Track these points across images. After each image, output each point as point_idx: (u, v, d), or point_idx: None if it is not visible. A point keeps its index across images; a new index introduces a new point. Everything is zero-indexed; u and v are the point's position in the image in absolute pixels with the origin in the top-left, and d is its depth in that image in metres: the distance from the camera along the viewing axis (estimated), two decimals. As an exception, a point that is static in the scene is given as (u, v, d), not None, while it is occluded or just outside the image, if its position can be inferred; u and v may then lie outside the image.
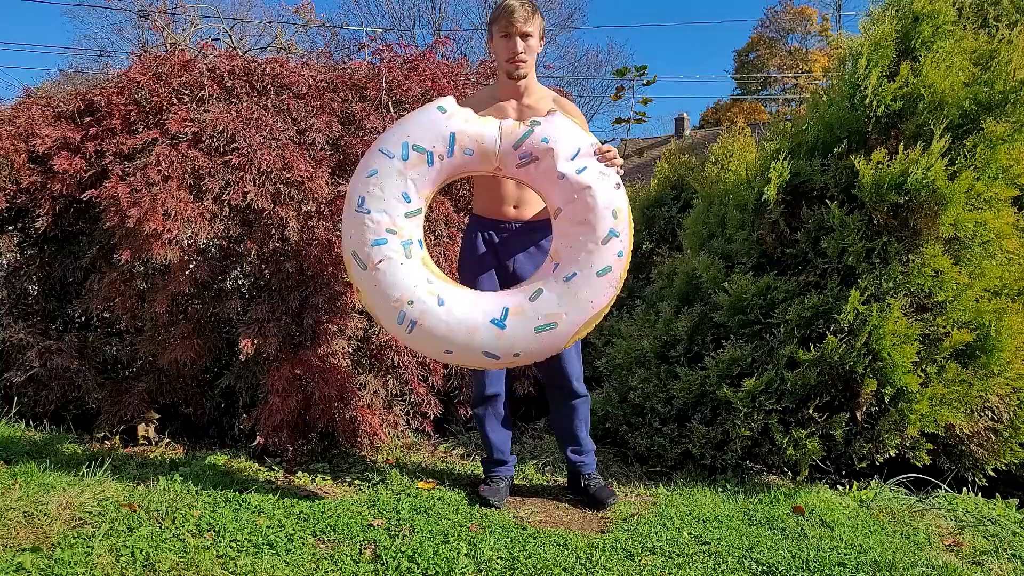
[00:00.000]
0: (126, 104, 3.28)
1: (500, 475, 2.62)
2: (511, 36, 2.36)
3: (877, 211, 2.73)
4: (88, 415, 3.26)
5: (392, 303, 2.12)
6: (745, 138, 4.52)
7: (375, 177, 2.17)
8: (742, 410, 2.72)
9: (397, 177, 2.17)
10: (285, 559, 1.96)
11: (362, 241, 2.15)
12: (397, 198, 2.17)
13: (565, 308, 2.13)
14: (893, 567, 2.02)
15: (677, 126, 30.48)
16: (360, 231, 2.16)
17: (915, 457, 2.66)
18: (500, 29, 2.37)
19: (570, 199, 2.18)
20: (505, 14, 2.35)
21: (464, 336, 2.12)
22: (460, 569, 1.93)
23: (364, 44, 3.94)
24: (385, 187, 2.16)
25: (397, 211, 2.17)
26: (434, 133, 2.19)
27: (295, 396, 2.82)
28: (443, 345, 2.14)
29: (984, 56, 2.86)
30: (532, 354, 2.17)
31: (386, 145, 2.20)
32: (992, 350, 2.63)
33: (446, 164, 2.20)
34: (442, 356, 2.20)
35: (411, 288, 2.13)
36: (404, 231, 2.17)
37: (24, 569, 1.82)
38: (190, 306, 3.10)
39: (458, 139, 2.19)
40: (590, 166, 2.19)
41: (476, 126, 2.21)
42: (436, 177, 2.22)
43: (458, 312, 2.13)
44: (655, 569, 1.99)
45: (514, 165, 2.22)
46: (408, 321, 2.12)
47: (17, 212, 3.50)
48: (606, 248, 2.15)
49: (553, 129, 2.22)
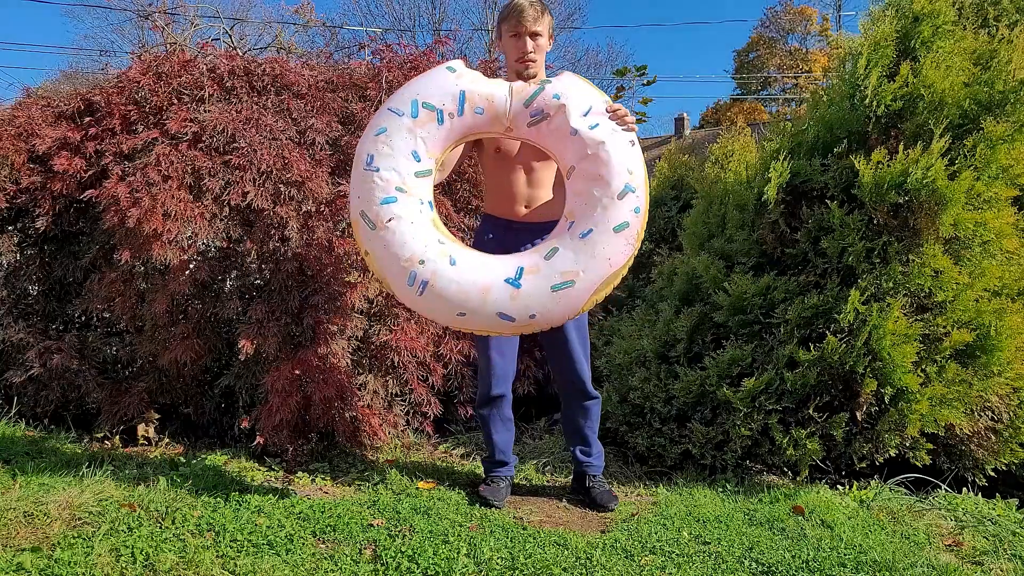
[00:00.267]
0: (126, 104, 3.28)
1: (501, 475, 2.62)
2: (521, 36, 2.36)
3: (877, 211, 2.73)
4: (88, 415, 3.26)
5: (402, 263, 2.05)
6: (745, 138, 4.53)
7: (384, 135, 2.12)
8: (742, 410, 2.71)
9: (407, 135, 2.12)
10: (285, 559, 1.96)
11: (371, 200, 2.08)
12: (407, 156, 2.11)
13: (582, 265, 2.07)
14: (893, 567, 2.02)
15: (677, 126, 30.50)
16: (369, 189, 2.09)
17: (915, 457, 2.66)
18: (509, 29, 2.37)
19: (583, 155, 2.13)
20: (515, 14, 2.34)
21: (478, 297, 2.04)
22: (460, 569, 1.93)
23: (364, 44, 3.94)
24: (394, 144, 2.11)
25: (407, 169, 2.11)
26: (444, 91, 2.15)
27: (295, 396, 2.82)
28: (455, 308, 2.06)
29: (984, 56, 2.86)
30: (549, 316, 2.09)
31: (395, 104, 2.16)
32: (992, 350, 2.63)
33: (456, 123, 2.16)
34: (454, 320, 2.12)
35: (422, 248, 2.06)
36: (414, 190, 2.11)
37: (24, 569, 1.82)
38: (190, 306, 3.10)
39: (468, 97, 2.15)
40: (603, 123, 2.14)
41: (486, 85, 2.19)
42: (447, 136, 2.17)
43: (471, 272, 2.06)
44: (655, 569, 1.99)
45: (525, 124, 2.18)
46: (419, 282, 2.04)
47: (17, 212, 3.50)
48: (622, 203, 2.10)
49: (564, 86, 2.18)
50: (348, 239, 3.02)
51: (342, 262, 2.99)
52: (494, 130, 2.23)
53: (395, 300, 3.14)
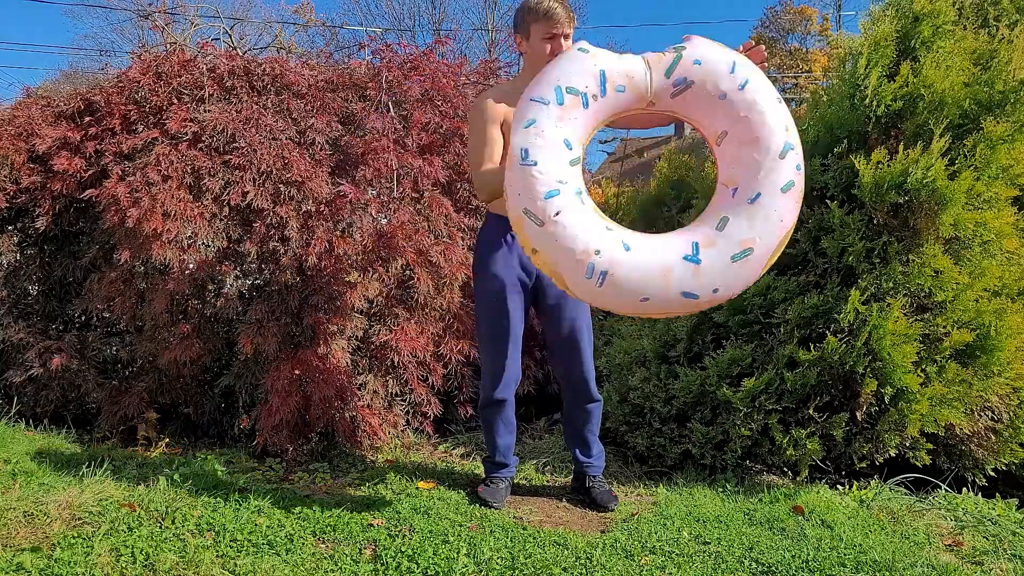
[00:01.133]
0: (126, 104, 3.28)
1: (501, 477, 2.62)
2: (556, 38, 2.34)
3: (877, 211, 2.73)
4: (88, 415, 3.26)
5: (578, 256, 1.96)
6: (745, 138, 4.51)
7: (534, 126, 2.04)
8: (742, 410, 2.71)
9: (557, 123, 2.05)
10: (285, 559, 1.96)
11: (533, 195, 1.99)
12: (560, 146, 2.04)
13: (758, 231, 2.00)
14: (893, 567, 2.02)
15: (677, 126, 30.42)
16: (530, 185, 2.00)
17: (915, 457, 2.66)
18: (543, 31, 2.34)
19: (736, 119, 2.05)
20: (549, 16, 2.32)
21: (659, 279, 1.96)
22: (460, 569, 1.93)
23: (364, 44, 3.94)
24: (547, 135, 2.04)
25: (562, 159, 2.04)
26: (584, 72, 2.08)
27: (295, 396, 2.82)
28: (638, 293, 1.97)
29: (984, 56, 2.86)
30: (730, 288, 2.01)
31: (538, 93, 2.09)
32: (992, 350, 2.63)
33: (600, 104, 2.09)
34: (637, 307, 2.02)
35: (595, 237, 1.98)
36: (571, 180, 2.03)
37: (24, 569, 1.82)
38: (190, 306, 3.10)
39: (608, 76, 2.07)
40: (752, 79, 2.06)
41: (622, 62, 2.11)
42: (590, 121, 2.11)
43: (647, 254, 1.98)
44: (655, 569, 1.99)
45: (668, 95, 2.10)
46: (598, 273, 1.95)
47: (17, 212, 3.50)
48: (784, 162, 2.05)
49: (702, 50, 2.09)
50: (348, 239, 3.02)
51: (342, 262, 2.99)
52: (637, 107, 2.14)
53: (394, 300, 3.15)
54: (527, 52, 2.41)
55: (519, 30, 2.41)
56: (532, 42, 2.37)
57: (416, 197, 3.28)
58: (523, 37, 2.41)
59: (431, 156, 3.31)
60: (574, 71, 2.08)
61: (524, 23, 2.39)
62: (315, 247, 2.94)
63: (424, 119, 3.38)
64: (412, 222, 3.13)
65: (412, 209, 3.21)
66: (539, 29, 2.34)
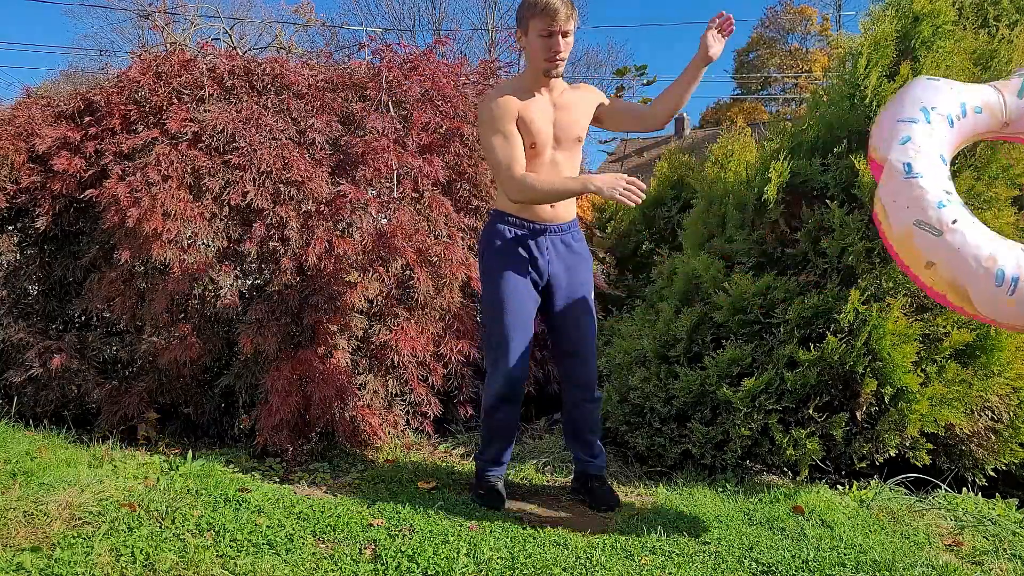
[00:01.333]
0: (126, 104, 3.28)
1: (496, 474, 2.61)
2: (553, 35, 2.29)
3: (877, 211, 2.73)
4: (88, 415, 3.26)
5: (984, 263, 1.88)
6: (745, 138, 4.52)
7: (910, 143, 2.05)
8: (742, 410, 2.71)
9: (929, 140, 2.06)
10: (285, 559, 1.96)
11: (925, 206, 1.95)
12: (937, 159, 2.04)
13: None
14: (893, 567, 2.02)
15: (677, 126, 30.49)
16: (919, 196, 1.96)
17: (915, 457, 2.66)
18: (540, 27, 2.29)
19: None
20: (547, 12, 2.26)
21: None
22: (460, 569, 1.93)
23: (364, 44, 3.94)
24: (924, 150, 2.04)
25: (942, 172, 2.03)
26: (944, 95, 2.12)
27: (295, 396, 2.82)
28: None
29: (984, 56, 2.86)
30: None
31: (904, 114, 2.10)
32: (992, 350, 2.63)
33: (961, 125, 2.12)
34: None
35: (995, 244, 1.91)
36: (954, 192, 2.02)
37: (24, 569, 1.82)
38: (190, 306, 3.10)
39: (968, 99, 2.13)
40: None
41: (974, 89, 2.17)
42: (954, 140, 2.13)
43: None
44: (655, 569, 1.99)
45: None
46: (1009, 280, 1.86)
47: (17, 212, 3.50)
48: None
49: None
50: (348, 239, 3.02)
51: (342, 262, 2.99)
52: (991, 128, 2.19)
53: (394, 300, 3.14)
54: (525, 48, 2.38)
55: (520, 25, 2.37)
56: (530, 38, 2.34)
57: (416, 197, 3.28)
58: (523, 32, 2.37)
59: (431, 156, 3.31)
60: (935, 94, 2.12)
61: (524, 18, 2.34)
62: (315, 247, 2.93)
63: (424, 119, 3.38)
64: (412, 222, 3.13)
65: (412, 209, 3.21)
66: (537, 24, 2.30)
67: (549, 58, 2.32)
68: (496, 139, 2.34)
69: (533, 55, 2.35)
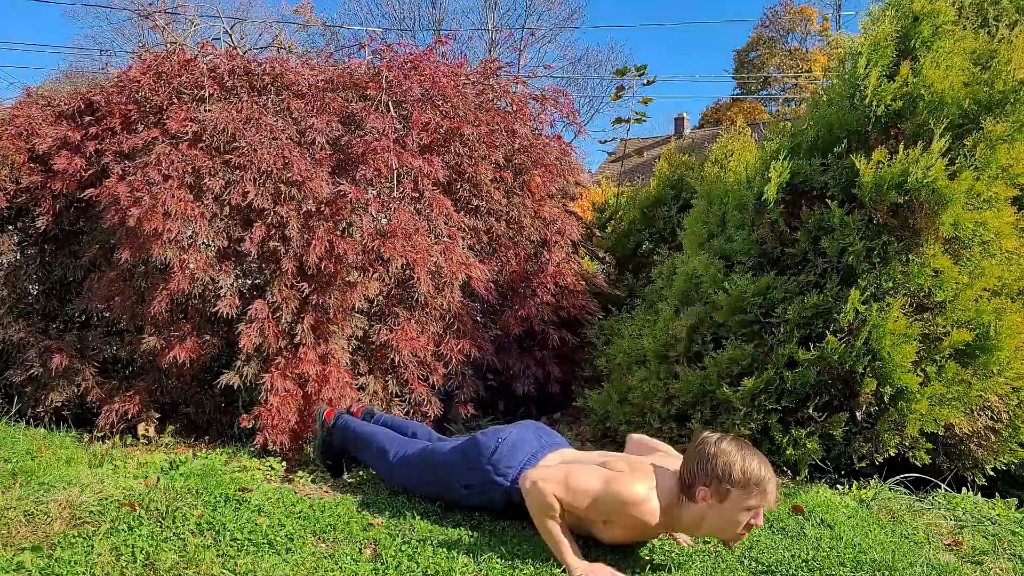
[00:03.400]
0: (126, 103, 3.28)
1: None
2: (759, 513, 1.93)
3: (877, 211, 2.73)
4: (88, 414, 3.26)
5: None
6: (745, 138, 4.53)
7: None
8: (742, 409, 2.72)
9: None
10: (285, 558, 1.96)
11: None
12: None
13: None
14: (893, 566, 2.02)
15: (677, 126, 30.51)
16: None
17: (915, 457, 2.66)
18: (750, 503, 1.90)
19: None
20: (766, 494, 1.90)
21: None
22: (460, 569, 1.93)
23: (364, 44, 3.95)
24: None
25: None
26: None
27: (295, 395, 2.82)
28: None
29: (984, 56, 2.86)
30: None
31: None
32: (991, 350, 2.63)
33: None
34: None
35: None
36: None
37: (24, 568, 1.82)
38: (190, 306, 3.10)
39: None
40: None
41: None
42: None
43: None
44: (656, 569, 1.99)
45: None
46: None
47: (17, 211, 3.51)
48: None
49: None
50: (348, 239, 3.02)
51: (342, 262, 2.99)
52: None
53: (394, 300, 3.14)
54: (708, 505, 1.93)
55: (712, 484, 1.91)
56: (726, 505, 1.91)
57: (416, 197, 3.28)
58: (715, 492, 1.91)
59: (431, 156, 3.31)
60: None
61: (724, 482, 1.91)
62: (315, 247, 2.94)
63: (424, 119, 3.38)
64: (412, 222, 3.13)
65: (412, 209, 3.21)
66: (746, 499, 1.91)
67: (742, 532, 1.97)
68: (599, 508, 1.98)
69: (720, 520, 1.94)
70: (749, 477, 1.89)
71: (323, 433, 2.67)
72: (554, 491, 1.97)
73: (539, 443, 2.26)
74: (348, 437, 2.62)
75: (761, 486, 1.90)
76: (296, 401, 2.83)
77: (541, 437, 2.30)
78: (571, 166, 4.13)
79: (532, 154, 3.82)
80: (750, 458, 1.90)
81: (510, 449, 2.22)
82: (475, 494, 2.28)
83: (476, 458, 2.26)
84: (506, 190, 3.69)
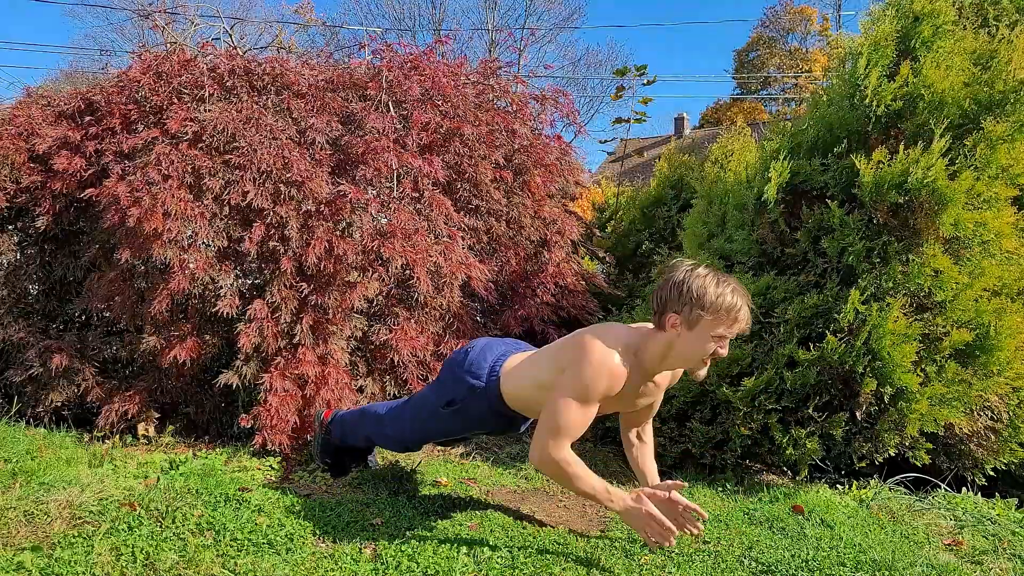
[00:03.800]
0: (126, 103, 3.28)
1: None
2: (725, 339, 1.95)
3: (877, 211, 2.73)
4: (88, 414, 3.26)
5: None
6: (745, 138, 4.53)
7: None
8: (742, 409, 2.72)
9: None
10: (285, 558, 1.96)
11: None
12: None
13: None
14: (892, 566, 2.02)
15: (677, 126, 30.53)
16: None
17: (915, 457, 2.66)
18: (719, 330, 1.93)
19: None
20: (737, 320, 1.93)
21: None
22: (460, 569, 1.93)
23: (364, 43, 3.94)
24: None
25: None
26: None
27: (294, 395, 2.82)
28: None
29: (984, 56, 2.86)
30: None
31: None
32: (991, 350, 2.63)
33: None
34: None
35: None
36: None
37: (24, 568, 1.82)
38: (190, 305, 3.10)
39: None
40: None
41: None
42: None
43: None
44: (655, 569, 1.99)
45: None
46: None
47: (17, 211, 3.50)
48: None
49: None
50: (348, 239, 3.02)
51: (342, 262, 2.99)
52: None
53: (394, 300, 3.14)
54: (677, 333, 1.96)
55: (683, 311, 1.94)
56: (695, 332, 1.94)
57: (416, 197, 3.28)
58: (684, 320, 1.94)
59: (431, 156, 3.31)
60: None
61: (695, 308, 1.93)
62: (315, 247, 2.93)
63: (424, 119, 3.38)
64: (412, 222, 3.13)
65: (412, 209, 3.21)
66: (715, 325, 1.93)
67: (706, 360, 2.00)
68: (572, 405, 1.99)
69: (686, 349, 1.97)
70: (722, 303, 1.90)
71: (322, 433, 2.67)
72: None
73: (506, 347, 2.30)
74: (345, 426, 2.64)
75: (732, 313, 1.91)
76: (295, 401, 2.83)
77: (507, 343, 2.35)
78: (571, 166, 4.13)
79: (532, 154, 3.82)
80: (723, 284, 1.93)
81: (479, 353, 2.26)
82: (459, 412, 2.25)
83: (452, 372, 2.28)
84: (506, 190, 3.69)
